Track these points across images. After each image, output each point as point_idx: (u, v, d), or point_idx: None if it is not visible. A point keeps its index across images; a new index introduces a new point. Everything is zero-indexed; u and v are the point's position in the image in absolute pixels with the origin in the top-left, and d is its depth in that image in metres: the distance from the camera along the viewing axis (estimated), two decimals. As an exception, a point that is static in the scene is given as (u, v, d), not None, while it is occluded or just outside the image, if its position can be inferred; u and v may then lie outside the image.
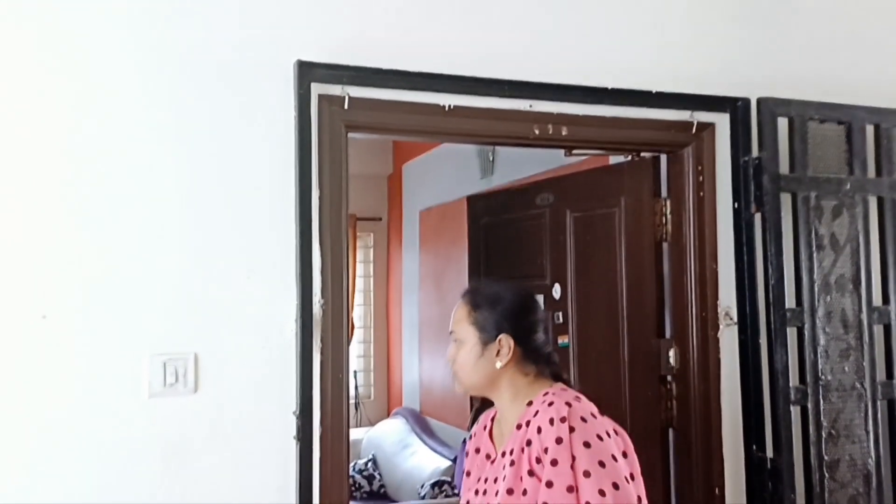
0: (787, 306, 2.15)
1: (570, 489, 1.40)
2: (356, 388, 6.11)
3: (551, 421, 1.45)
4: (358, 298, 6.29)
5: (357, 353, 6.30)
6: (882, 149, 2.30)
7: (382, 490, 5.10)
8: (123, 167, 1.86)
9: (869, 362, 2.20)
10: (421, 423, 5.32)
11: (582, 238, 2.80)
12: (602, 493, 1.39)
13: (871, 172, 2.29)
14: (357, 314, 6.28)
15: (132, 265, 1.86)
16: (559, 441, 1.43)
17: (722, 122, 2.31)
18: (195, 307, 1.90)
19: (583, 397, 1.57)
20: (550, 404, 1.49)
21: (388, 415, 6.09)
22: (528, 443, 1.48)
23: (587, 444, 1.42)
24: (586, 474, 1.40)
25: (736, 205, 2.25)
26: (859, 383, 2.19)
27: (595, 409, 1.55)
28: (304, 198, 1.95)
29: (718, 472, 2.35)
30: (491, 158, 4.34)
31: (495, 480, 1.54)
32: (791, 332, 2.17)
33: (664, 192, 2.48)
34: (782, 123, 2.18)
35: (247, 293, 1.94)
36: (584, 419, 1.46)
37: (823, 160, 2.22)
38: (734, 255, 2.27)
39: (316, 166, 1.98)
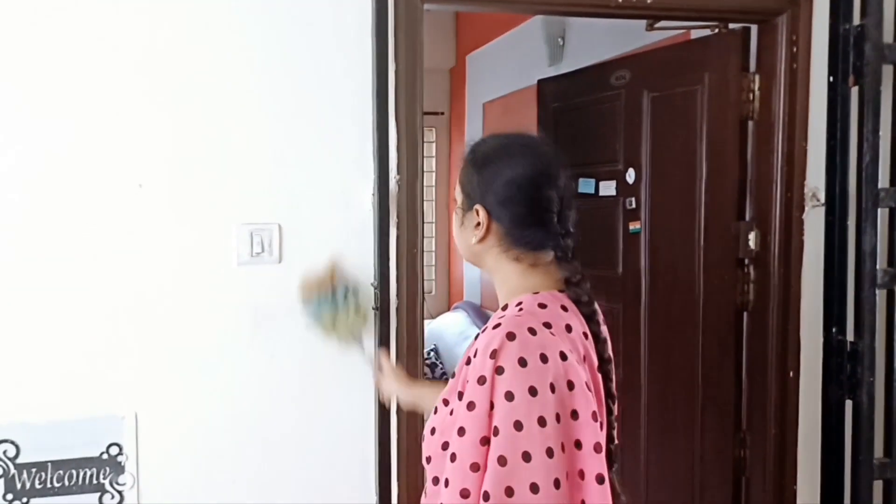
0: (880, 186, 2.05)
1: (483, 441, 1.11)
2: (418, 281, 6.19)
3: (484, 351, 1.12)
4: (420, 194, 6.28)
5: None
6: None
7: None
8: (212, 47, 1.90)
9: (965, 245, 2.11)
10: (481, 316, 5.40)
11: (659, 119, 2.71)
12: (502, 460, 1.08)
13: None
14: (419, 210, 6.28)
15: (223, 140, 1.91)
16: (481, 381, 1.11)
17: (822, -14, 2.16)
18: (278, 179, 1.95)
19: (555, 318, 1.19)
20: (497, 326, 1.15)
21: (448, 309, 6.18)
22: (468, 361, 1.18)
23: (510, 396, 1.09)
24: (495, 431, 1.09)
25: (831, 78, 2.12)
26: (953, 267, 2.10)
27: (573, 325, 1.20)
28: (381, 73, 1.96)
29: (794, 355, 2.33)
30: (561, 44, 4.19)
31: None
32: (882, 214, 2.08)
33: (752, 67, 2.36)
34: (890, -14, 2.03)
35: (326, 167, 1.98)
36: (522, 362, 1.10)
37: (932, 28, 2.07)
38: (826, 132, 2.16)
39: (392, 40, 1.97)
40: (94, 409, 1.88)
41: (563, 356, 1.13)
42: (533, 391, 1.09)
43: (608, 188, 2.96)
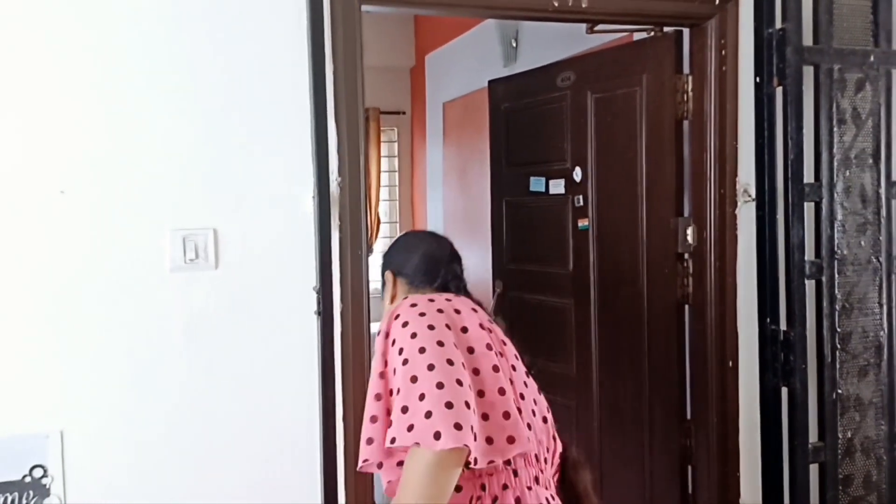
0: (805, 181, 2.14)
1: (381, 375, 1.34)
2: (383, 281, 6.22)
3: (388, 326, 1.37)
4: (383, 193, 6.31)
5: (384, 248, 6.37)
6: (909, 21, 2.23)
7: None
8: (138, 43, 1.84)
9: (885, 237, 2.20)
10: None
11: (603, 119, 2.78)
12: (405, 359, 1.29)
13: (897, 45, 2.23)
14: (383, 209, 6.32)
15: (149, 142, 1.85)
16: (385, 335, 1.36)
17: (747, -8, 2.23)
18: (213, 183, 1.90)
19: (458, 301, 1.45)
20: (397, 317, 1.38)
21: (414, 306, 6.19)
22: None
23: (405, 324, 1.33)
24: (400, 352, 1.31)
25: (758, 79, 2.21)
26: (875, 257, 2.19)
27: (461, 308, 1.42)
28: (318, 74, 1.93)
29: (732, 345, 2.42)
30: (514, 45, 4.25)
31: None
32: (809, 208, 2.16)
33: (686, 69, 2.44)
34: (807, -8, 2.11)
35: (264, 170, 1.94)
36: (422, 314, 1.36)
37: (849, 32, 2.16)
38: (755, 130, 2.24)
39: (329, 41, 1.96)
40: (15, 428, 1.76)
41: (447, 326, 1.35)
42: (431, 327, 1.32)
43: (557, 186, 3.03)
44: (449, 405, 1.21)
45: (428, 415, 1.20)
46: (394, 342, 1.33)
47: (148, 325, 1.87)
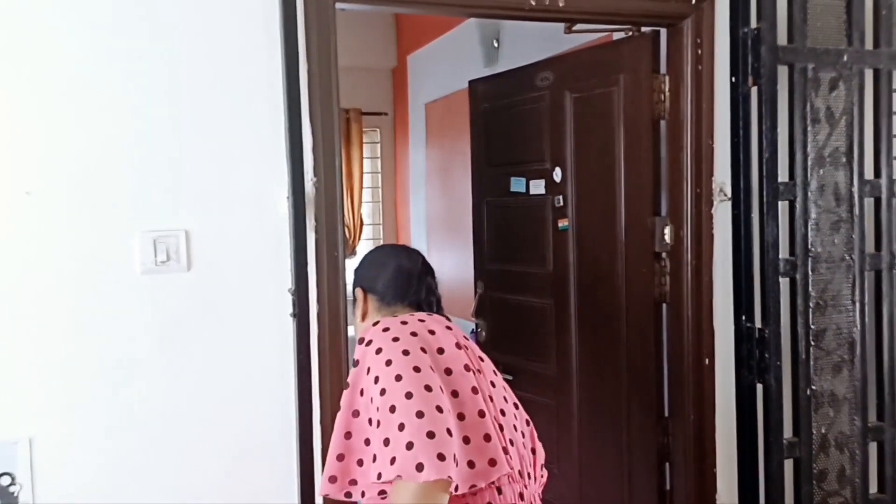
0: (779, 180, 2.15)
1: (362, 392, 1.33)
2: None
3: (363, 356, 1.36)
4: (366, 195, 6.31)
5: (367, 250, 6.36)
6: (881, 20, 2.24)
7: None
8: (107, 42, 1.81)
9: (858, 234, 2.22)
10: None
11: (581, 119, 2.79)
12: (382, 389, 1.28)
13: (870, 44, 2.25)
14: (366, 211, 6.32)
15: (118, 142, 1.83)
16: (356, 363, 1.36)
17: (723, -8, 2.24)
18: (184, 184, 1.88)
19: (431, 320, 1.45)
20: (369, 343, 1.38)
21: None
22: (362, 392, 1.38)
23: (379, 350, 1.32)
24: (376, 380, 1.29)
25: (733, 79, 2.21)
26: (848, 255, 2.21)
27: (435, 329, 1.42)
28: (291, 73, 1.91)
29: (709, 343, 2.44)
30: (496, 46, 4.26)
31: None
32: (783, 206, 2.18)
33: (663, 69, 2.46)
34: (782, -8, 2.12)
35: (237, 171, 1.92)
36: (395, 338, 1.34)
37: (823, 31, 2.18)
38: (730, 130, 2.25)
39: (303, 40, 1.94)
40: (-19, 436, 1.73)
41: (422, 349, 1.35)
42: (406, 352, 1.31)
43: (537, 187, 3.04)
44: (430, 435, 1.19)
45: (409, 446, 1.19)
46: (368, 370, 1.31)
47: (119, 328, 1.84)
